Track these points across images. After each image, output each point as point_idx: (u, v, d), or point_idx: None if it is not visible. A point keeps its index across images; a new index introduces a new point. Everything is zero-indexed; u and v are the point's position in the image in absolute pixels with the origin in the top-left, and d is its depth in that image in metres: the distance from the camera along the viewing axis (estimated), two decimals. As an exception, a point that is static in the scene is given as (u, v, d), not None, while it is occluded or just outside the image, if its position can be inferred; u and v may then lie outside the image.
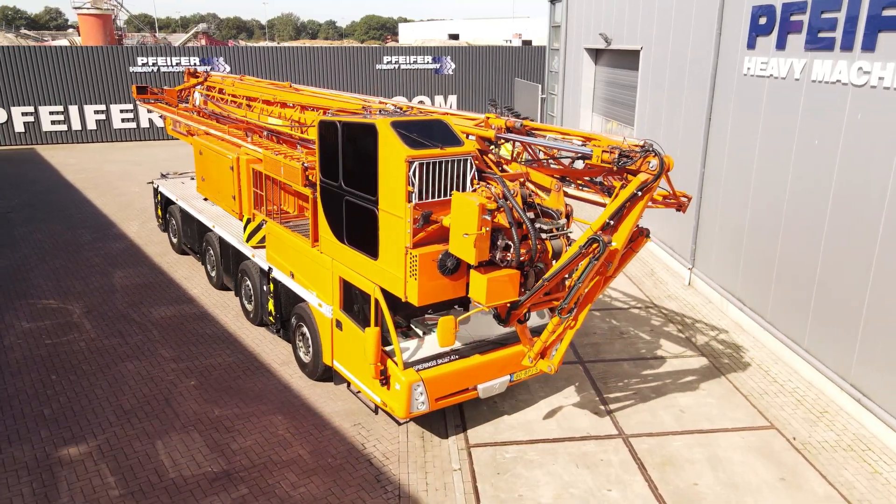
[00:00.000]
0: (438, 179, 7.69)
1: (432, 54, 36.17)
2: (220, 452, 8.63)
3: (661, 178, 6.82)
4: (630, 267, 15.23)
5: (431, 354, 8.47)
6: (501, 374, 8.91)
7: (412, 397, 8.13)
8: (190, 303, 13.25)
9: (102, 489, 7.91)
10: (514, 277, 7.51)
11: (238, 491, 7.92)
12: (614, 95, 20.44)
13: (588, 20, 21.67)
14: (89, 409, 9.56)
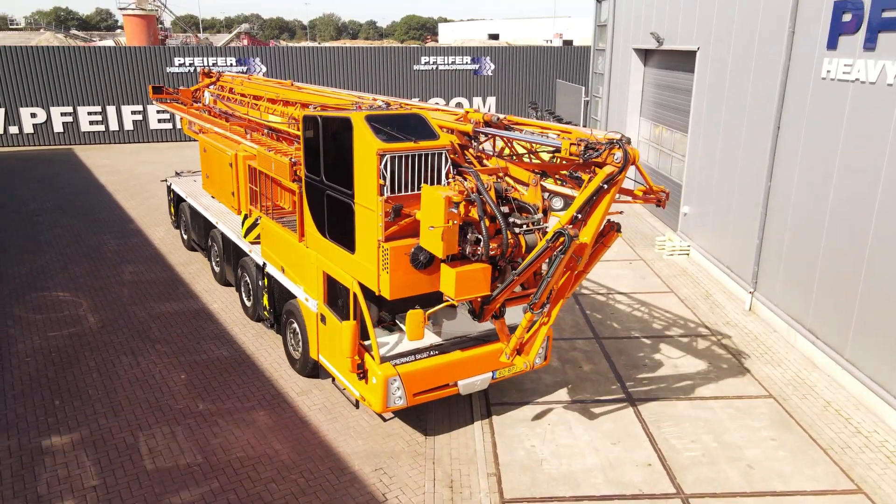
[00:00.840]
0: (412, 173, 7.67)
1: (471, 55, 35.13)
2: (199, 445, 8.71)
3: (626, 171, 6.58)
4: (682, 287, 13.95)
5: (410, 349, 8.41)
6: (483, 371, 8.82)
7: (389, 392, 8.16)
8: (193, 299, 13.30)
9: (78, 475, 8.13)
10: (485, 272, 7.41)
11: (209, 484, 7.96)
12: (665, 99, 19.07)
13: (638, 19, 20.32)
14: (78, 399, 9.76)
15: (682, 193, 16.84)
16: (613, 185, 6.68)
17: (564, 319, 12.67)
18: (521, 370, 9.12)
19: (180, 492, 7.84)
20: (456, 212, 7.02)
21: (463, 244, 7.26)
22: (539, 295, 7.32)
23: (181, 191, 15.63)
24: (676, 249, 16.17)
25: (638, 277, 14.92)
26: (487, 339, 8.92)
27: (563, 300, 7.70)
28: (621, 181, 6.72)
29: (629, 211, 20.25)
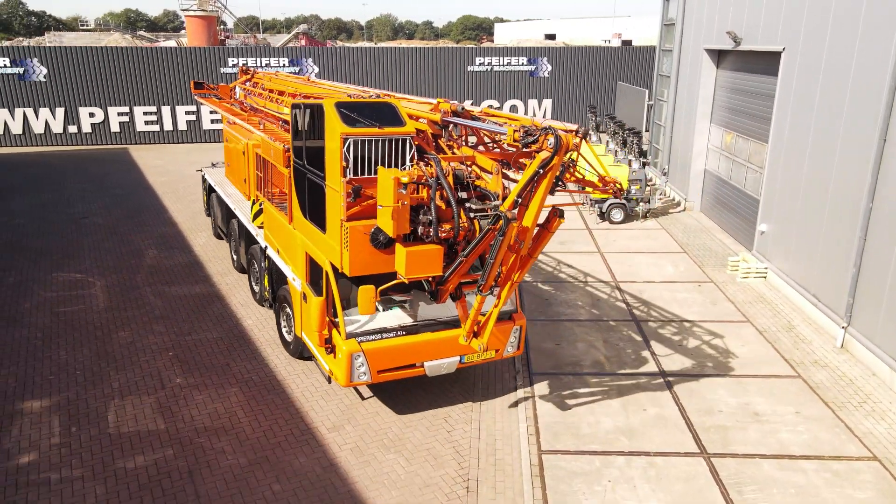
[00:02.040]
0: (376, 157, 8.09)
1: (527, 55, 33.85)
2: (164, 416, 9.25)
3: (560, 157, 6.73)
4: (760, 316, 12.44)
5: (378, 328, 8.71)
6: (451, 354, 9.02)
7: (353, 367, 8.51)
8: (210, 286, 13.86)
9: (46, 435, 8.82)
10: (436, 252, 7.69)
11: (164, 451, 8.50)
12: (741, 105, 17.42)
13: (711, 17, 18.70)
14: (65, 368, 10.53)
15: (760, 209, 15.22)
16: (549, 171, 6.84)
17: (624, 350, 11.40)
18: (491, 357, 9.42)
19: (136, 456, 8.41)
20: (405, 192, 7.32)
21: (416, 225, 7.55)
22: (485, 277, 7.54)
23: (211, 180, 16.37)
24: (752, 272, 14.58)
25: (708, 303, 13.45)
26: (458, 324, 8.95)
27: (510, 283, 7.94)
28: (556, 166, 6.84)
29: (697, 226, 18.68)
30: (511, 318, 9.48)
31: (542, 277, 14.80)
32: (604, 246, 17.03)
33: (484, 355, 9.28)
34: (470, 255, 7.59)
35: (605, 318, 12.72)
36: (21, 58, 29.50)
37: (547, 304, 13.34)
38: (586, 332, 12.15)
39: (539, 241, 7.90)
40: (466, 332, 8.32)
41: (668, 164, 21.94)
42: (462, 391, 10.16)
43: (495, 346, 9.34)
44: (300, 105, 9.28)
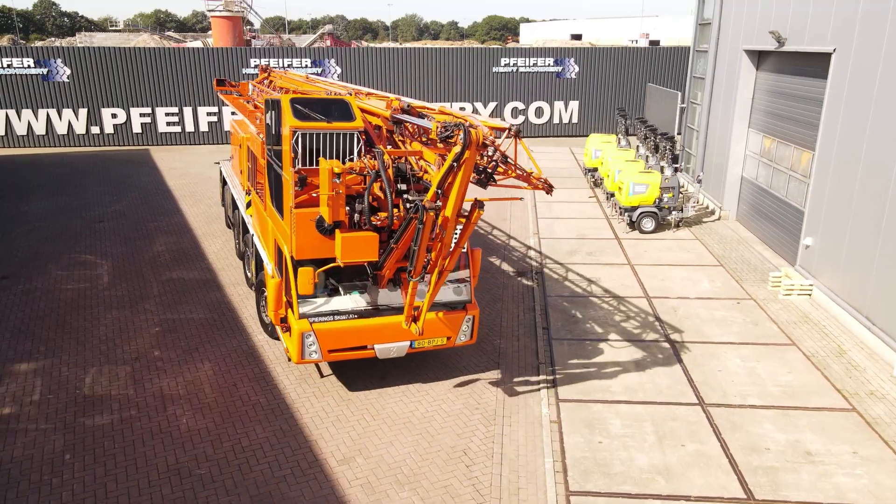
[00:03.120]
0: (325, 150, 8.70)
1: (554, 56, 32.96)
2: (135, 383, 10.11)
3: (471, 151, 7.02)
4: (807, 339, 11.51)
5: (331, 310, 9.24)
6: (401, 339, 9.48)
7: (304, 345, 9.10)
8: (207, 272, 14.72)
9: (25, 392, 9.87)
10: (372, 239, 8.14)
11: (127, 412, 9.35)
12: (783, 109, 16.39)
13: (752, 16, 17.69)
14: (58, 337, 11.60)
15: (805, 221, 14.22)
16: (462, 164, 7.13)
17: (659, 375, 10.56)
18: (442, 344, 9.86)
19: (99, 415, 9.30)
20: (339, 182, 7.78)
21: (353, 213, 8.03)
22: (413, 264, 7.99)
23: (225, 172, 17.10)
24: (795, 289, 13.60)
25: (749, 323, 12.52)
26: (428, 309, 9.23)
27: (441, 271, 8.34)
28: (468, 160, 7.10)
29: (733, 237, 17.69)
30: (464, 308, 9.92)
31: (568, 292, 13.99)
32: (634, 258, 16.14)
33: (435, 342, 9.77)
34: (400, 242, 8.08)
35: (636, 339, 11.88)
36: (45, 58, 29.49)
37: (574, 322, 12.54)
38: (617, 353, 11.33)
39: (463, 231, 8.27)
40: (406, 318, 8.85)
41: (702, 170, 20.93)
42: (482, 418, 9.43)
43: (446, 333, 9.81)
44: (267, 100, 10.05)
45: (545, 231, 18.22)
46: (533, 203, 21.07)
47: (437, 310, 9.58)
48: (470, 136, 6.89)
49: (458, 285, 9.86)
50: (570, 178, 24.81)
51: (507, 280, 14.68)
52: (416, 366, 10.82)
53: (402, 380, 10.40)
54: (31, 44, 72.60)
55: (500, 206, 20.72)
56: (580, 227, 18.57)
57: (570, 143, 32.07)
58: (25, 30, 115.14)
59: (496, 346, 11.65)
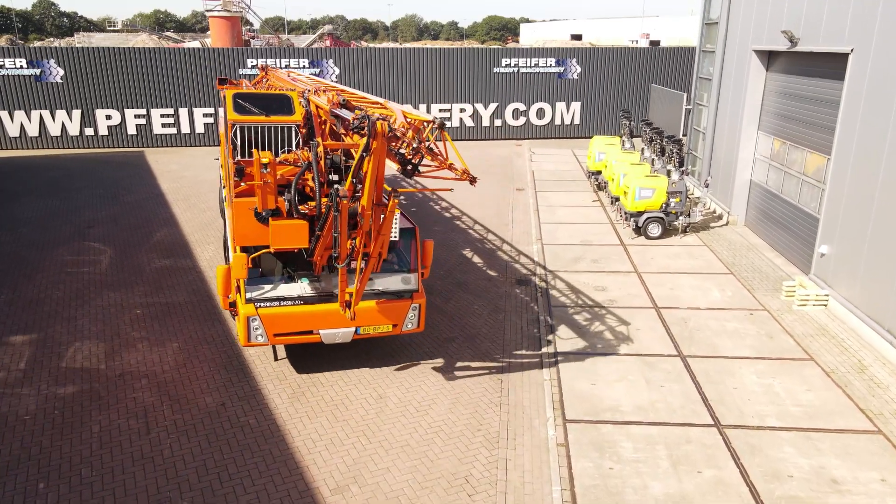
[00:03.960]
0: (264, 142, 9.18)
1: (555, 56, 32.42)
2: (107, 358, 10.83)
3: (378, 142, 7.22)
4: (825, 353, 11.00)
5: (278, 296, 9.50)
6: (346, 325, 9.71)
7: (250, 328, 9.41)
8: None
9: (14, 361, 10.72)
10: (301, 227, 8.42)
11: (89, 385, 10.01)
12: (795, 111, 15.85)
13: (762, 15, 17.15)
14: (52, 314, 12.48)
15: (820, 228, 13.68)
16: (374, 154, 7.36)
17: (671, 392, 10.02)
18: (388, 332, 10.10)
19: (66, 386, 9.99)
20: (267, 172, 8.03)
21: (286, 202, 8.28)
22: (337, 251, 8.26)
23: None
24: (811, 299, 13.05)
25: (763, 335, 11.97)
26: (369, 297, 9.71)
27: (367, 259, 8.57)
28: (376, 150, 7.33)
29: (742, 243, 17.14)
30: (411, 297, 10.10)
31: (573, 302, 13.45)
32: (641, 265, 15.60)
33: (381, 329, 10.00)
34: (324, 230, 8.29)
35: (646, 352, 11.33)
36: (37, 59, 28.95)
37: (580, 335, 12.00)
38: (626, 369, 10.79)
39: (385, 221, 8.38)
40: (340, 303, 9.11)
41: (709, 173, 20.40)
42: (485, 441, 8.89)
43: (392, 321, 10.05)
44: (224, 96, 10.30)
45: (548, 236, 17.68)
46: (535, 207, 20.53)
47: (384, 298, 9.89)
48: (374, 127, 7.14)
49: (406, 274, 10.14)
50: (572, 181, 24.27)
51: (509, 289, 14.14)
52: (414, 382, 10.28)
53: (400, 397, 9.86)
54: (31, 44, 72.15)
55: (500, 209, 20.19)
56: (584, 233, 18.03)
57: (573, 144, 31.53)
58: (24, 30, 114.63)
59: (499, 360, 11.11)
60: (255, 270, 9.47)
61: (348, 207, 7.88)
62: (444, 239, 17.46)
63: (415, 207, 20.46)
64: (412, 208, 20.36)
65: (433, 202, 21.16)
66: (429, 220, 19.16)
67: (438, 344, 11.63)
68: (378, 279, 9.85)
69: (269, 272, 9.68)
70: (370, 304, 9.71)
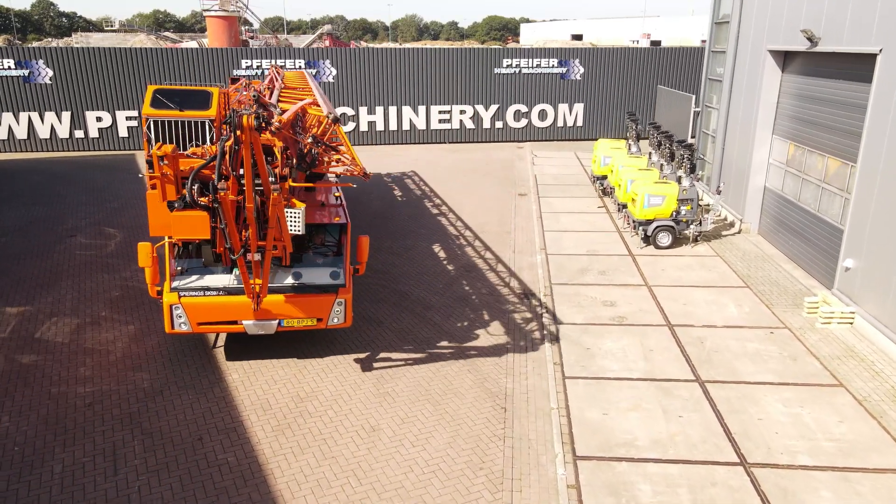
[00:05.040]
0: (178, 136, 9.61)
1: (558, 57, 31.58)
2: (74, 333, 11.58)
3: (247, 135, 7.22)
4: (855, 378, 10.19)
5: (203, 286, 9.76)
6: (271, 318, 9.98)
7: (173, 316, 9.78)
8: None
9: (3, 329, 11.56)
10: (202, 218, 8.39)
11: (46, 355, 10.75)
12: (814, 115, 15.01)
13: (777, 13, 16.32)
14: (46, 289, 13.60)
15: (844, 240, 12.83)
16: (242, 146, 7.37)
17: (690, 423, 9.18)
18: (313, 325, 10.28)
19: (28, 354, 10.76)
20: (165, 164, 8.22)
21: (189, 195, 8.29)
22: (228, 242, 8.38)
23: None
24: (835, 316, 12.21)
25: (786, 357, 11.13)
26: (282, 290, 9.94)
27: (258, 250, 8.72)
28: (245, 142, 7.30)
29: (757, 253, 16.30)
30: (336, 291, 10.17)
31: (581, 318, 12.61)
32: (651, 277, 14.76)
33: (305, 322, 10.16)
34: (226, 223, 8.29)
35: (661, 376, 10.50)
36: (26, 59, 28.14)
37: (589, 356, 11.16)
38: (640, 395, 9.95)
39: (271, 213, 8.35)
40: (247, 293, 9.20)
41: (720, 179, 19.56)
42: (487, 482, 8.06)
43: (316, 314, 10.17)
44: None
45: (553, 245, 16.85)
46: (538, 214, 19.69)
47: (309, 292, 10.03)
48: (239, 120, 7.11)
49: (333, 269, 10.29)
50: (576, 185, 23.42)
51: (513, 304, 13.31)
52: (410, 411, 9.45)
53: (394, 429, 9.03)
54: (29, 44, 71.36)
55: (502, 216, 19.37)
56: (590, 242, 17.19)
57: (576, 147, 30.69)
58: (23, 30, 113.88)
59: (502, 385, 10.27)
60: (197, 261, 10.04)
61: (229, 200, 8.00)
62: (443, 247, 16.63)
63: (415, 213, 19.64)
64: (412, 214, 19.53)
65: (433, 207, 20.34)
66: (427, 227, 18.34)
67: (437, 367, 10.80)
68: (306, 273, 10.15)
69: (209, 263, 10.07)
70: (294, 297, 9.94)
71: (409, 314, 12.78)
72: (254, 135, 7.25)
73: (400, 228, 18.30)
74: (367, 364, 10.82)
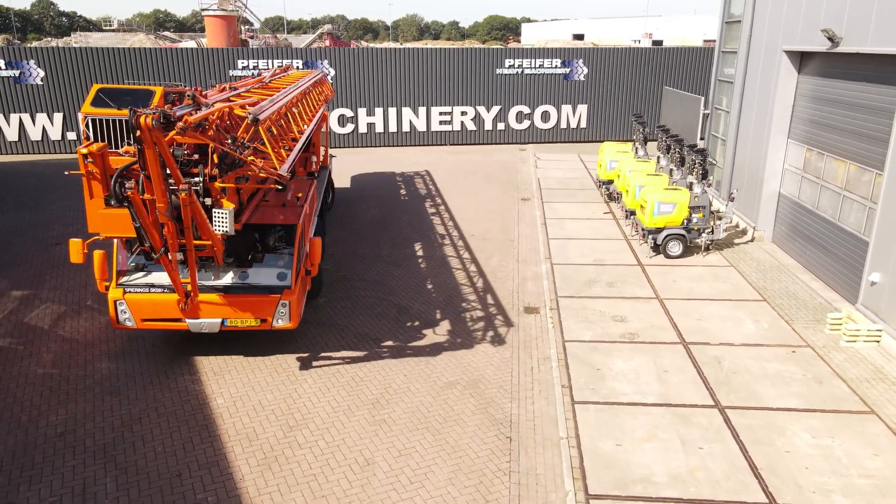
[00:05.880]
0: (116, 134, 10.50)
1: (561, 57, 30.85)
2: (56, 319, 12.05)
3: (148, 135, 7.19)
4: (888, 406, 9.57)
5: (148, 283, 10.03)
6: (213, 316, 10.06)
7: (117, 311, 10.06)
8: None
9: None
10: (122, 216, 8.54)
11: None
12: (834, 119, 14.28)
13: (794, 11, 15.59)
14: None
15: (870, 253, 12.11)
16: (146, 145, 7.33)
17: (712, 457, 8.46)
18: (257, 326, 10.26)
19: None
20: (91, 162, 8.26)
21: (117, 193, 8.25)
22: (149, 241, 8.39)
23: None
24: (861, 334, 11.49)
25: (811, 380, 10.40)
26: (230, 290, 10.10)
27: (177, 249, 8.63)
28: (146, 141, 7.26)
29: (772, 263, 15.56)
30: (280, 293, 10.20)
31: (589, 335, 11.90)
32: (662, 290, 14.04)
33: (248, 322, 10.20)
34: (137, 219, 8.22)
35: (677, 401, 9.78)
36: (16, 59, 27.47)
37: (600, 378, 10.44)
38: (656, 423, 9.23)
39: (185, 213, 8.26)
40: (179, 297, 9.29)
41: (730, 183, 18.84)
42: (493, 525, 7.35)
43: (260, 315, 10.19)
44: None
45: (558, 254, 16.13)
46: (542, 220, 18.97)
47: (253, 292, 10.11)
48: (136, 120, 7.05)
49: (281, 270, 10.35)
50: (581, 189, 22.70)
51: (517, 318, 12.60)
52: (408, 442, 8.74)
53: (390, 463, 8.32)
54: (29, 44, 70.71)
55: (505, 223, 18.66)
56: (597, 250, 16.48)
57: (579, 149, 29.96)
58: (23, 30, 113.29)
59: (507, 411, 9.56)
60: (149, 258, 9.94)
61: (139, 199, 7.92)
62: (445, 257, 15.92)
63: (414, 219, 18.92)
64: (412, 220, 18.81)
65: (433, 213, 19.62)
66: (428, 234, 17.62)
67: (437, 390, 10.09)
68: (253, 273, 10.25)
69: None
70: (238, 297, 10.01)
71: (409, 331, 12.08)
72: (156, 135, 7.21)
73: (399, 236, 17.59)
74: (362, 387, 10.12)
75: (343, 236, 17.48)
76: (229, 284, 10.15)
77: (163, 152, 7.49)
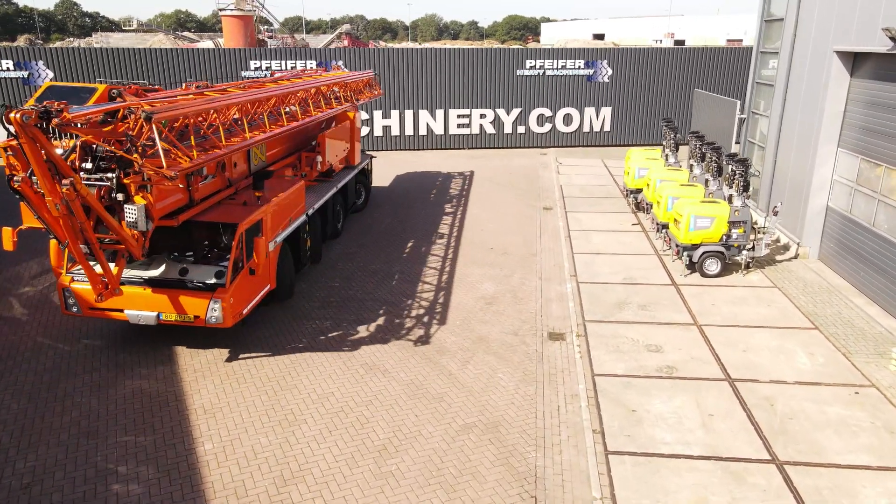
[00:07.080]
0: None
1: (584, 57, 29.53)
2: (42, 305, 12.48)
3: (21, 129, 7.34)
4: None
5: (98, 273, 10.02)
6: (151, 310, 10.44)
7: (65, 298, 10.61)
8: None
9: None
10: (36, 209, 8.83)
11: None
12: (893, 127, 12.88)
13: (847, 9, 14.20)
14: None
15: (941, 280, 10.74)
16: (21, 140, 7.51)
17: (774, 527, 7.21)
18: (190, 322, 10.39)
19: None
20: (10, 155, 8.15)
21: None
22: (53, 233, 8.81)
23: None
24: (933, 373, 10.14)
25: (881, 429, 9.08)
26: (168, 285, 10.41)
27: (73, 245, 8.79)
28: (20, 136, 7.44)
29: (820, 284, 14.18)
30: (213, 291, 10.32)
31: (622, 368, 10.67)
32: (701, 314, 12.76)
33: (182, 317, 10.37)
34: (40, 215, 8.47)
35: (727, 454, 8.53)
36: (25, 60, 26.85)
37: (636, 422, 9.22)
38: (704, 482, 8.00)
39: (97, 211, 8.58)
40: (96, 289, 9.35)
41: (770, 194, 17.45)
42: None
43: (193, 312, 10.36)
44: None
45: (584, 271, 14.90)
46: (566, 232, 17.74)
47: (187, 289, 10.35)
48: (6, 115, 7.14)
49: (218, 269, 10.58)
50: (606, 198, 21.41)
51: (540, 346, 11.42)
52: (417, 501, 7.62)
53: (397, 530, 7.20)
54: (52, 44, 70.85)
55: (527, 236, 17.45)
56: (627, 266, 15.22)
57: (603, 153, 28.63)
58: (47, 30, 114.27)
59: (531, 462, 8.39)
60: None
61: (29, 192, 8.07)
62: (461, 273, 14.77)
63: (428, 230, 17.79)
64: (426, 231, 17.69)
65: (449, 223, 18.47)
66: (442, 247, 16.49)
67: (452, 434, 8.95)
68: (192, 270, 10.60)
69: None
70: (174, 292, 10.27)
71: (420, 360, 10.95)
72: (32, 130, 7.38)
73: (412, 249, 16.48)
74: (368, 430, 9.01)
75: (353, 249, 16.41)
76: (165, 279, 10.46)
77: (45, 147, 7.67)
